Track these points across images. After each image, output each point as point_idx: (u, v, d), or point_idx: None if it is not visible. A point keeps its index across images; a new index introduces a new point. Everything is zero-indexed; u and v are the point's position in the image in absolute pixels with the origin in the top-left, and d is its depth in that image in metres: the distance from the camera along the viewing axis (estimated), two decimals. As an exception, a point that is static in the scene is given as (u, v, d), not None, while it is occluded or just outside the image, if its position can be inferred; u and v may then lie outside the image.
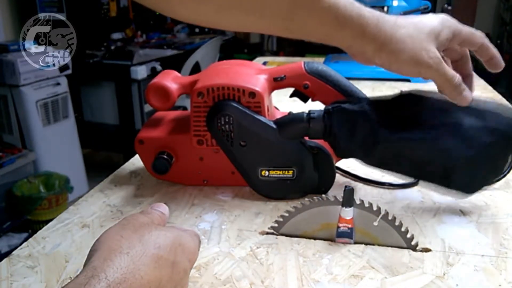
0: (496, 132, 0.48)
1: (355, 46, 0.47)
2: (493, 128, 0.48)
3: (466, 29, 0.49)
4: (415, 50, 0.46)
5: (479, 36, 0.49)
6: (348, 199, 0.45)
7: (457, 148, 0.48)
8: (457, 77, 0.48)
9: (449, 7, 1.39)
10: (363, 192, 0.58)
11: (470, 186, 0.51)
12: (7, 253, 0.53)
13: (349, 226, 0.45)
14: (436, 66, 0.47)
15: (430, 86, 0.51)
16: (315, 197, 0.46)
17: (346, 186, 0.45)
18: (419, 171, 0.52)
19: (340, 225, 0.46)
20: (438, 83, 0.48)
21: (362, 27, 0.45)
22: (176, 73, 0.62)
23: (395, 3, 1.17)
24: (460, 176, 0.49)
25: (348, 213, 0.45)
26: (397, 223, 0.45)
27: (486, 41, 0.50)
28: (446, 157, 0.49)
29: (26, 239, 0.50)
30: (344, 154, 0.54)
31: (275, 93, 0.61)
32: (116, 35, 2.91)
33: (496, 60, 0.51)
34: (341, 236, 0.46)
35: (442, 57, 0.48)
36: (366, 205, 0.44)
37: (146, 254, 0.32)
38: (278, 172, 0.55)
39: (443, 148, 0.48)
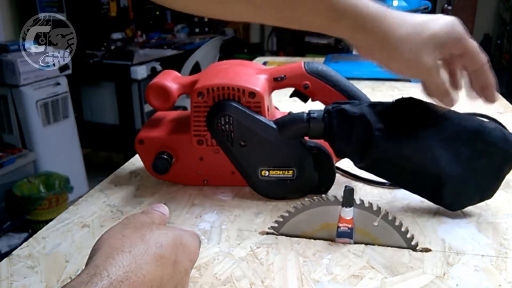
0: (487, 155, 0.48)
1: (355, 38, 0.47)
2: (485, 152, 0.48)
3: (472, 43, 0.47)
4: (411, 53, 0.45)
5: (483, 56, 0.48)
6: (348, 199, 0.45)
7: (447, 163, 0.48)
8: (445, 85, 0.48)
9: (449, 7, 1.39)
10: (363, 192, 0.58)
11: (456, 203, 0.51)
12: (7, 253, 0.53)
13: (349, 226, 0.45)
14: (428, 72, 0.46)
15: (430, 86, 0.51)
16: (315, 197, 0.46)
17: (346, 186, 0.45)
18: (409, 181, 0.52)
19: (340, 225, 0.46)
20: (427, 87, 0.49)
21: (361, 20, 0.45)
22: (176, 73, 0.62)
23: (395, 3, 1.17)
24: (447, 193, 0.50)
25: (348, 213, 0.45)
26: (397, 223, 0.45)
27: (488, 66, 0.48)
28: (436, 171, 0.49)
29: (26, 239, 0.50)
30: (343, 155, 0.54)
31: (275, 93, 0.61)
32: (116, 35, 2.91)
33: (491, 90, 0.49)
34: (341, 236, 0.46)
35: (443, 59, 0.48)
36: (366, 205, 0.44)
37: (148, 252, 0.32)
38: (278, 172, 0.55)
39: (434, 159, 0.48)
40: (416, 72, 0.47)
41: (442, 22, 0.46)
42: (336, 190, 0.55)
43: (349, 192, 0.44)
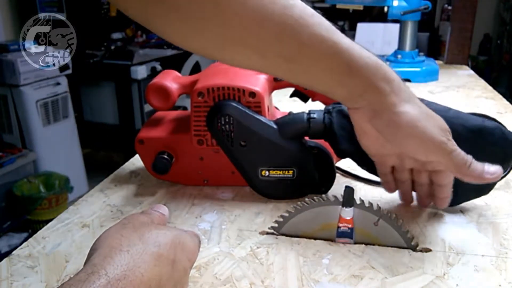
0: (486, 154, 0.48)
1: (365, 97, 0.43)
2: (485, 151, 0.48)
3: (456, 160, 0.43)
4: (422, 130, 0.42)
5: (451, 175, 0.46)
6: (348, 199, 0.45)
7: None
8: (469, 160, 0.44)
9: (449, 7, 1.38)
10: (363, 192, 0.58)
11: (453, 200, 0.51)
12: (7, 253, 0.53)
13: (349, 226, 0.45)
14: (443, 151, 0.43)
15: (430, 87, 0.51)
16: (315, 197, 0.46)
17: (346, 186, 0.45)
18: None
19: (340, 225, 0.46)
20: (447, 166, 0.44)
21: (374, 78, 0.42)
22: (176, 73, 0.62)
23: (395, 3, 1.17)
24: None
25: (348, 213, 0.45)
26: (397, 223, 0.45)
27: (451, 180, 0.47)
28: None
29: (26, 239, 0.50)
30: (343, 155, 0.54)
31: (275, 93, 0.61)
32: (116, 35, 2.91)
33: (446, 202, 0.48)
34: (341, 236, 0.46)
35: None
36: (366, 205, 0.44)
37: (146, 252, 0.32)
38: (278, 172, 0.55)
39: None
40: (428, 149, 0.43)
41: (442, 124, 0.44)
42: (336, 190, 0.55)
43: (349, 192, 0.45)
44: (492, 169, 0.43)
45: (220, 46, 0.42)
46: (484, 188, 0.51)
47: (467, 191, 0.50)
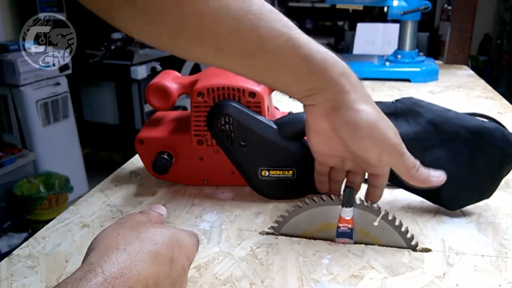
0: (486, 155, 0.48)
1: (329, 92, 0.42)
2: (485, 152, 0.48)
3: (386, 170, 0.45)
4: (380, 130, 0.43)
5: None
6: (348, 199, 0.45)
7: (446, 162, 0.48)
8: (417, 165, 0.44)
9: (449, 7, 1.38)
10: (363, 192, 0.58)
11: (454, 203, 0.51)
12: (7, 253, 0.53)
13: (349, 226, 0.45)
14: (399, 155, 0.43)
15: (430, 87, 0.51)
16: (315, 197, 0.46)
17: (346, 186, 0.45)
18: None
19: (340, 225, 0.46)
20: (398, 168, 0.44)
21: (341, 71, 0.42)
22: (176, 73, 0.62)
23: (395, 3, 1.17)
24: (445, 192, 0.49)
25: (348, 213, 0.45)
26: (397, 223, 0.45)
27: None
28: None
29: (26, 239, 0.50)
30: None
31: (275, 93, 0.61)
32: (116, 35, 2.90)
33: (373, 200, 0.48)
34: (341, 236, 0.46)
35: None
36: (366, 205, 0.44)
37: (143, 250, 0.32)
38: (278, 172, 0.55)
39: (433, 158, 0.48)
40: (384, 149, 0.43)
41: (394, 126, 0.44)
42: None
43: (349, 192, 0.45)
44: (437, 173, 0.44)
45: (176, 38, 0.41)
46: (486, 192, 0.50)
47: (468, 194, 0.50)
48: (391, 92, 1.09)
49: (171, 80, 0.58)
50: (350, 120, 0.43)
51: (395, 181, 0.53)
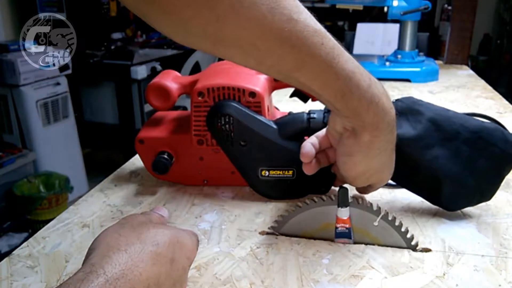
0: (486, 156, 0.48)
1: (351, 103, 0.41)
2: (485, 152, 0.48)
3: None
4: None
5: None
6: (343, 198, 0.45)
7: (446, 162, 0.48)
8: None
9: (449, 7, 1.38)
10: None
11: (454, 204, 0.51)
12: (7, 253, 0.53)
13: (347, 226, 0.45)
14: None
15: (430, 87, 0.51)
16: (315, 197, 0.46)
17: (340, 186, 0.45)
18: (408, 180, 0.52)
19: (338, 225, 0.46)
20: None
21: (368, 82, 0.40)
22: (176, 73, 0.62)
23: (395, 3, 1.17)
24: (444, 193, 0.50)
25: (344, 213, 0.45)
26: (397, 223, 0.45)
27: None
28: (434, 170, 0.49)
29: (26, 239, 0.50)
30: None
31: (275, 93, 0.61)
32: (116, 35, 2.91)
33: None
34: (340, 236, 0.46)
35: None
36: (366, 205, 0.44)
37: (144, 251, 0.32)
38: (278, 172, 0.55)
39: (432, 158, 0.48)
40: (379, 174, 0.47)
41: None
42: (336, 190, 0.55)
43: (343, 192, 0.44)
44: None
45: (217, 45, 0.39)
46: (486, 193, 0.50)
47: (468, 195, 0.50)
48: (391, 92, 1.08)
49: (171, 80, 0.58)
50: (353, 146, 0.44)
51: (399, 182, 0.53)
